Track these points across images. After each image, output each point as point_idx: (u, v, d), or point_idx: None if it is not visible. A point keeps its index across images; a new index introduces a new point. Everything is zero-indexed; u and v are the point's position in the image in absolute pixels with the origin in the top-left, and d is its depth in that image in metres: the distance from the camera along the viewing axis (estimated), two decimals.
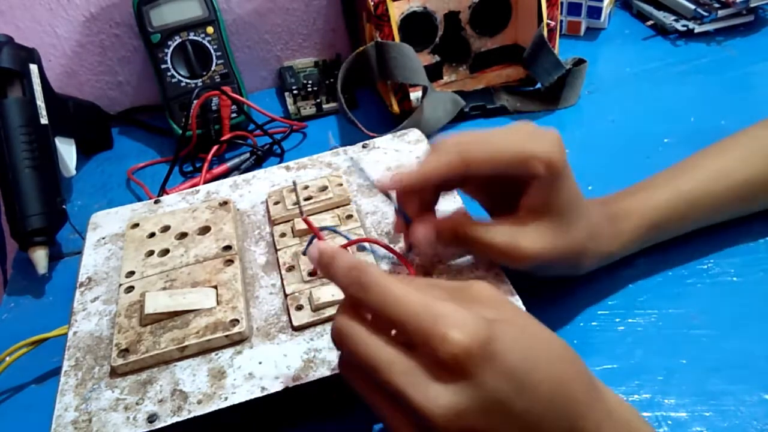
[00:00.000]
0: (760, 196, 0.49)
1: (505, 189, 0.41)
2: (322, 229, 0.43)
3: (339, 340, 0.32)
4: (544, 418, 0.30)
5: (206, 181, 0.63)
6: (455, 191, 0.47)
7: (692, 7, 0.76)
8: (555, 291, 0.47)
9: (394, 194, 0.41)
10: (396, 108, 0.67)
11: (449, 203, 0.46)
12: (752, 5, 0.73)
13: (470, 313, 0.29)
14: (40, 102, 0.61)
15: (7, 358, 0.46)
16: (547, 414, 0.30)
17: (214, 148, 0.66)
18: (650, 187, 0.47)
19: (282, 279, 0.43)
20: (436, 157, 0.38)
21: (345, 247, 0.42)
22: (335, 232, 0.44)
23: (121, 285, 0.44)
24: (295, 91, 0.75)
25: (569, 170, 0.40)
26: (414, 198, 0.40)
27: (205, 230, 0.47)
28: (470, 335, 0.28)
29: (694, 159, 0.49)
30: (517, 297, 0.39)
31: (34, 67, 0.61)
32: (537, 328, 0.32)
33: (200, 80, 0.69)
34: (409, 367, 0.29)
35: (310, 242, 0.42)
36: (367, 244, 0.44)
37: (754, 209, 0.50)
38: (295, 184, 0.48)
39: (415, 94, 0.67)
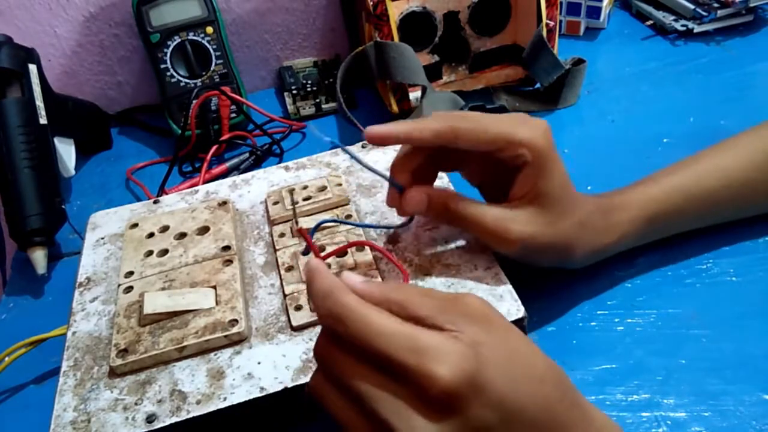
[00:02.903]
0: (761, 196, 0.49)
1: (500, 177, 0.41)
2: (323, 222, 0.43)
3: (322, 363, 0.32)
4: None
5: (205, 181, 0.63)
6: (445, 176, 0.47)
7: (692, 6, 0.76)
8: (555, 291, 0.47)
9: (387, 171, 0.42)
10: (395, 108, 0.67)
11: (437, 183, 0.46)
12: (752, 5, 0.73)
13: (455, 343, 0.29)
14: (39, 102, 0.61)
15: (6, 359, 0.46)
16: None
17: (214, 148, 0.66)
18: (647, 182, 0.47)
19: (281, 279, 0.43)
20: (427, 122, 0.39)
21: (340, 250, 0.42)
22: (336, 222, 0.44)
23: (120, 285, 0.44)
24: (294, 91, 0.75)
25: (557, 158, 0.40)
26: (406, 170, 0.41)
27: (204, 230, 0.47)
28: (458, 372, 0.28)
29: (694, 156, 0.49)
30: (516, 297, 0.39)
31: (33, 67, 0.61)
32: (523, 348, 0.32)
33: (199, 80, 0.69)
34: (395, 401, 0.29)
35: (316, 227, 0.43)
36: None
37: (755, 211, 0.49)
38: (292, 193, 0.48)
39: (414, 94, 0.67)
